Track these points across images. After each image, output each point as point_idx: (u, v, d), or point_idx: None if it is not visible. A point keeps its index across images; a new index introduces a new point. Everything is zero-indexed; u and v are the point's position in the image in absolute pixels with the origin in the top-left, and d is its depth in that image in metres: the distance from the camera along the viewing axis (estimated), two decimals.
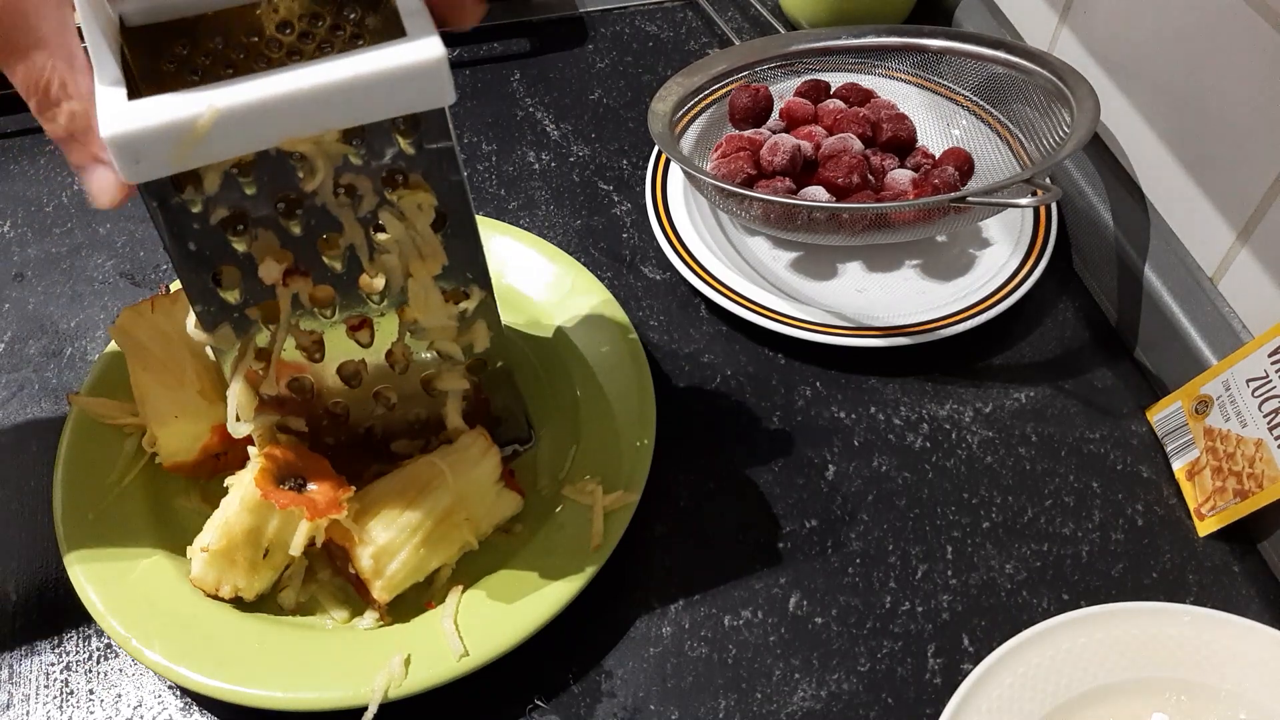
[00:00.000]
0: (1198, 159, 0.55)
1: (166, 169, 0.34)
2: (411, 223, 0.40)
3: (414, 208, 0.40)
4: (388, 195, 0.39)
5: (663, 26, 0.80)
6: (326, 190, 0.38)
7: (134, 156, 0.33)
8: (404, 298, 0.43)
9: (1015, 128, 0.65)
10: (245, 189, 0.37)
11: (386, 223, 0.40)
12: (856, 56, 0.70)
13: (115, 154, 0.33)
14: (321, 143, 0.36)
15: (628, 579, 0.50)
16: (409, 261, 0.41)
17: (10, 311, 0.61)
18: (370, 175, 0.38)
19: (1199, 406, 0.53)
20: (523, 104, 0.74)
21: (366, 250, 0.41)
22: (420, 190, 0.39)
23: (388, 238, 0.40)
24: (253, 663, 0.44)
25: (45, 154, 0.70)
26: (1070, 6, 0.64)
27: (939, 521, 0.52)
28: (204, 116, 0.33)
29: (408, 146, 0.38)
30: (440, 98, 0.37)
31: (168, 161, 0.34)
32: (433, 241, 0.41)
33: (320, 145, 0.37)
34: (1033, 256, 0.61)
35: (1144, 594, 0.50)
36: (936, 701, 0.46)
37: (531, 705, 0.46)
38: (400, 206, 0.39)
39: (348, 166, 0.38)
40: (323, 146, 0.37)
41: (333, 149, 0.37)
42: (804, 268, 0.63)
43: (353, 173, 0.38)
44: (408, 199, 0.39)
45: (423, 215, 0.40)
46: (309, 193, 0.38)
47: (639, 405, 0.52)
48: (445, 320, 0.44)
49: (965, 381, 0.58)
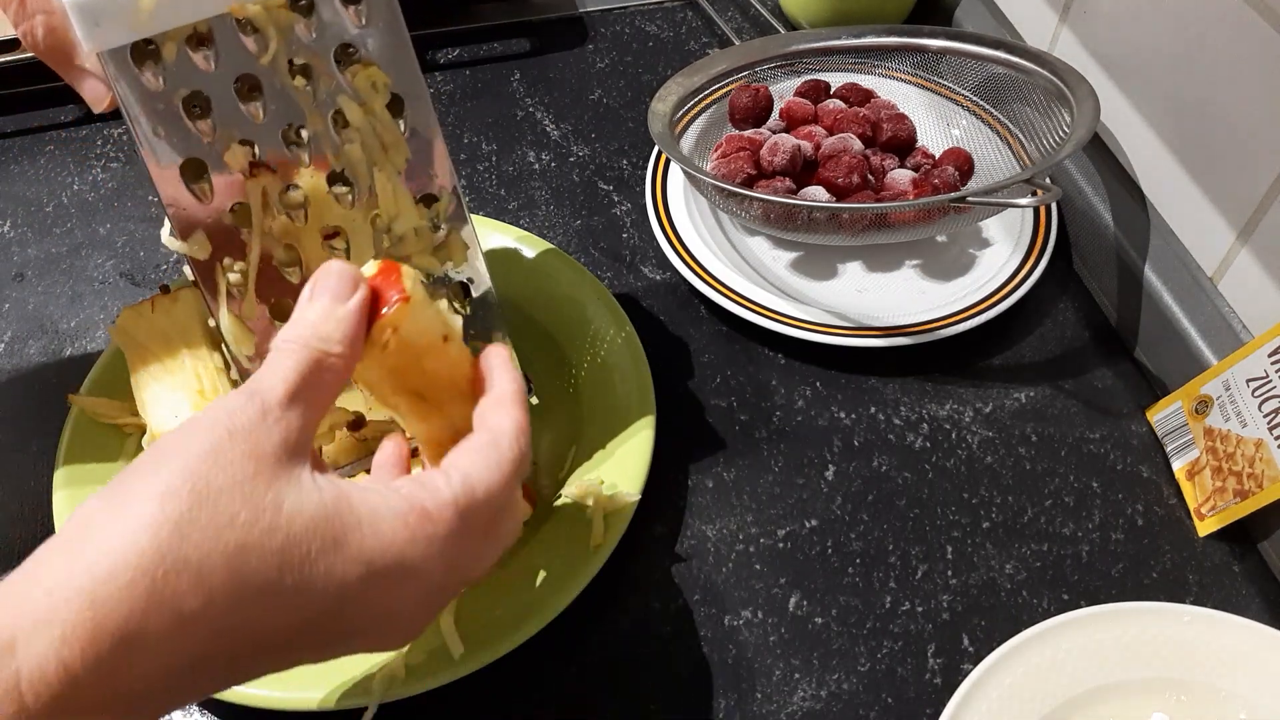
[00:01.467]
0: (1198, 159, 0.55)
1: (125, 34, 0.36)
2: (370, 106, 0.42)
3: (368, 86, 0.41)
4: (341, 73, 0.41)
5: (663, 26, 0.80)
6: (281, 66, 0.40)
7: (93, 19, 0.35)
8: (374, 201, 0.44)
9: (1015, 128, 0.65)
10: (203, 64, 0.39)
11: (345, 107, 0.41)
12: (856, 56, 0.70)
13: (75, 19, 0.35)
14: (270, 9, 0.39)
15: (628, 579, 0.50)
16: (372, 152, 0.42)
17: (10, 311, 0.61)
18: (322, 54, 0.40)
19: (1199, 406, 0.53)
20: (523, 104, 0.74)
21: (330, 141, 0.42)
22: (371, 66, 0.41)
23: (349, 129, 0.42)
24: None
25: (45, 154, 0.70)
26: (1070, 6, 0.64)
27: (939, 521, 0.52)
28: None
29: (354, 18, 0.40)
30: None
31: (125, 26, 0.36)
32: (393, 128, 0.42)
33: (270, 13, 0.39)
34: (1033, 256, 0.61)
35: (1144, 594, 0.50)
36: (936, 701, 0.46)
37: (531, 705, 0.46)
38: (354, 86, 0.41)
39: (301, 46, 0.40)
40: (272, 15, 0.39)
41: (282, 17, 0.39)
42: (804, 268, 0.63)
43: (305, 53, 0.40)
44: (361, 75, 0.41)
45: (378, 95, 0.42)
46: (265, 68, 0.40)
47: (639, 405, 0.52)
48: (417, 222, 0.45)
49: (965, 381, 0.58)
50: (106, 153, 0.70)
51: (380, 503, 0.32)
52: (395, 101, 0.42)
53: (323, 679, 0.44)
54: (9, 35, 0.69)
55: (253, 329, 0.44)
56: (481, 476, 0.34)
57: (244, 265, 0.43)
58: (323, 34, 0.40)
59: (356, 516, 0.31)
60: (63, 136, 0.71)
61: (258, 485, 0.30)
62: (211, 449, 0.30)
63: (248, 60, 0.39)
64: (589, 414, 0.53)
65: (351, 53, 0.41)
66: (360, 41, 0.41)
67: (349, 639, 0.33)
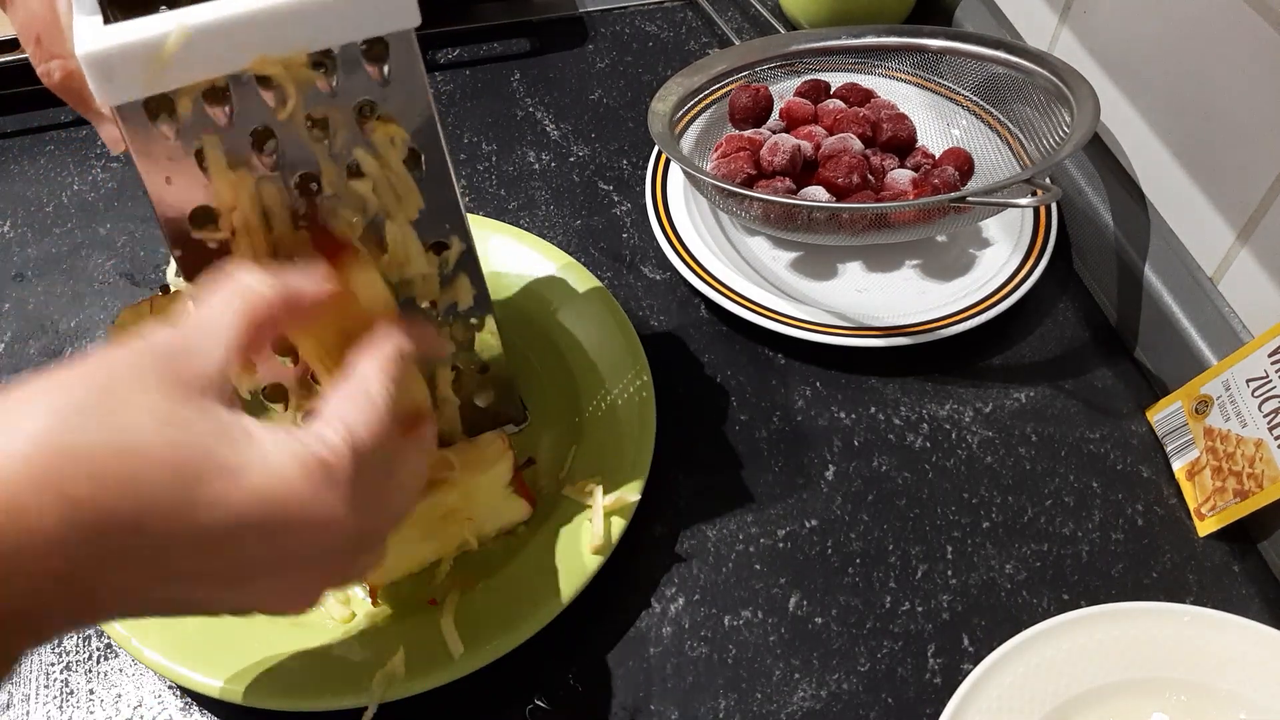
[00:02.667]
0: (1198, 159, 0.55)
1: (139, 89, 0.35)
2: (385, 160, 0.41)
3: (386, 141, 0.40)
4: (359, 128, 0.40)
5: (663, 26, 0.80)
6: (299, 121, 0.39)
7: (106, 75, 0.35)
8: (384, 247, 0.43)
9: (1015, 128, 0.65)
10: (218, 119, 0.38)
11: (361, 160, 0.41)
12: (856, 56, 0.70)
13: (89, 73, 0.34)
14: (290, 67, 0.37)
15: (628, 579, 0.50)
16: (385, 202, 0.42)
17: (10, 311, 0.61)
18: (341, 108, 0.39)
19: (1199, 406, 0.53)
20: (523, 104, 0.74)
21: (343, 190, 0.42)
22: (391, 123, 0.40)
23: (363, 180, 0.41)
24: (253, 663, 0.44)
25: (45, 154, 0.70)
26: (1070, 6, 0.64)
27: (939, 521, 0.52)
28: (173, 35, 0.34)
29: (376, 75, 0.39)
30: (406, 18, 0.37)
31: (140, 81, 0.35)
32: (407, 180, 0.42)
33: (290, 70, 0.37)
34: (1033, 256, 0.61)
35: (1144, 594, 0.50)
36: (936, 701, 0.46)
37: (531, 705, 0.46)
38: (372, 141, 0.40)
39: (319, 99, 0.39)
40: (292, 71, 0.38)
41: (302, 75, 0.38)
42: (804, 268, 0.63)
43: (325, 105, 0.39)
44: (379, 130, 0.40)
45: (395, 150, 0.41)
46: (281, 122, 0.39)
47: (639, 405, 0.53)
48: (425, 269, 0.44)
49: (965, 381, 0.58)
50: (106, 153, 0.70)
51: (283, 447, 0.31)
52: (411, 155, 0.41)
53: (323, 679, 0.44)
54: (8, 35, 0.69)
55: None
56: (358, 419, 0.34)
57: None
58: (343, 90, 0.39)
59: (261, 452, 0.31)
60: (63, 136, 0.71)
61: (169, 399, 0.30)
62: (132, 358, 0.30)
63: (264, 114, 0.38)
64: (589, 414, 0.53)
65: (371, 108, 0.40)
66: (381, 97, 0.39)
67: (245, 584, 0.32)
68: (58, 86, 0.39)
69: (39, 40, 0.38)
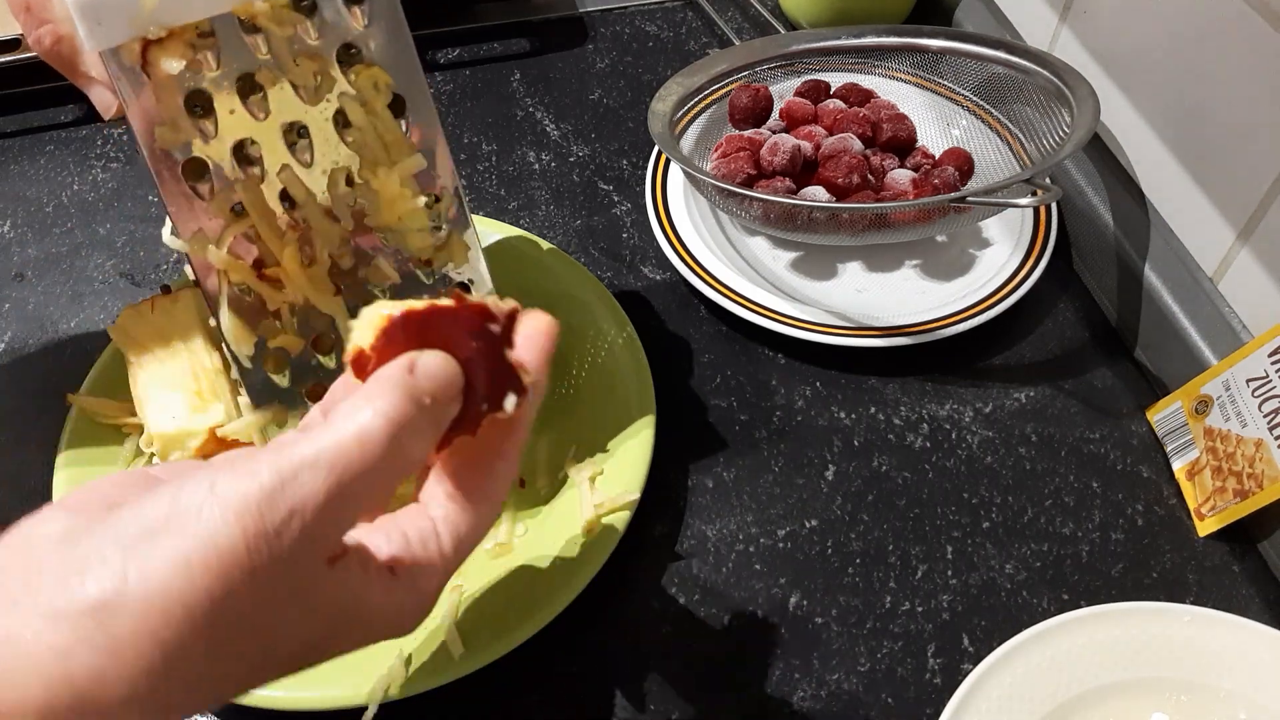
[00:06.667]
0: (1198, 159, 0.55)
1: (126, 31, 0.37)
2: (371, 106, 0.42)
3: (370, 86, 0.41)
4: (343, 73, 0.41)
5: (663, 26, 0.80)
6: (285, 65, 0.40)
7: (95, 18, 0.36)
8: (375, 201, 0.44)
9: (1015, 128, 0.65)
10: (207, 69, 0.39)
11: (347, 107, 0.41)
12: (856, 56, 0.70)
13: (78, 17, 0.35)
14: (274, 8, 0.39)
15: (628, 579, 0.50)
16: (374, 152, 0.43)
17: (10, 311, 0.61)
18: (324, 53, 0.40)
19: (1199, 406, 0.53)
20: (523, 104, 0.74)
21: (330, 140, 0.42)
22: (373, 67, 0.41)
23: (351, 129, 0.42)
24: None
25: (45, 154, 0.70)
26: (1070, 6, 0.64)
27: (939, 521, 0.52)
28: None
29: (358, 18, 0.40)
30: None
31: (127, 23, 0.36)
32: (394, 128, 0.43)
33: (273, 12, 0.39)
34: (1033, 256, 0.61)
35: (1144, 594, 0.50)
36: (936, 701, 0.46)
37: (532, 705, 0.46)
38: (357, 86, 0.41)
39: (303, 47, 0.40)
40: (275, 14, 0.39)
41: (284, 16, 0.39)
42: (804, 268, 0.63)
43: (307, 52, 0.40)
44: (363, 75, 0.41)
45: (380, 96, 0.42)
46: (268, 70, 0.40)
47: (639, 405, 0.52)
48: (419, 224, 0.45)
49: (965, 381, 0.58)
50: (106, 153, 0.70)
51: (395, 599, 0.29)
52: (397, 102, 0.42)
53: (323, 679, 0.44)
54: (8, 35, 0.69)
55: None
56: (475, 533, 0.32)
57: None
58: (325, 34, 0.40)
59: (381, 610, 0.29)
60: (63, 136, 0.71)
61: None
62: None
63: (250, 59, 0.40)
64: (589, 414, 0.53)
65: (354, 53, 0.41)
66: (362, 42, 0.41)
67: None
68: (48, 52, 0.40)
69: (29, 8, 0.39)
